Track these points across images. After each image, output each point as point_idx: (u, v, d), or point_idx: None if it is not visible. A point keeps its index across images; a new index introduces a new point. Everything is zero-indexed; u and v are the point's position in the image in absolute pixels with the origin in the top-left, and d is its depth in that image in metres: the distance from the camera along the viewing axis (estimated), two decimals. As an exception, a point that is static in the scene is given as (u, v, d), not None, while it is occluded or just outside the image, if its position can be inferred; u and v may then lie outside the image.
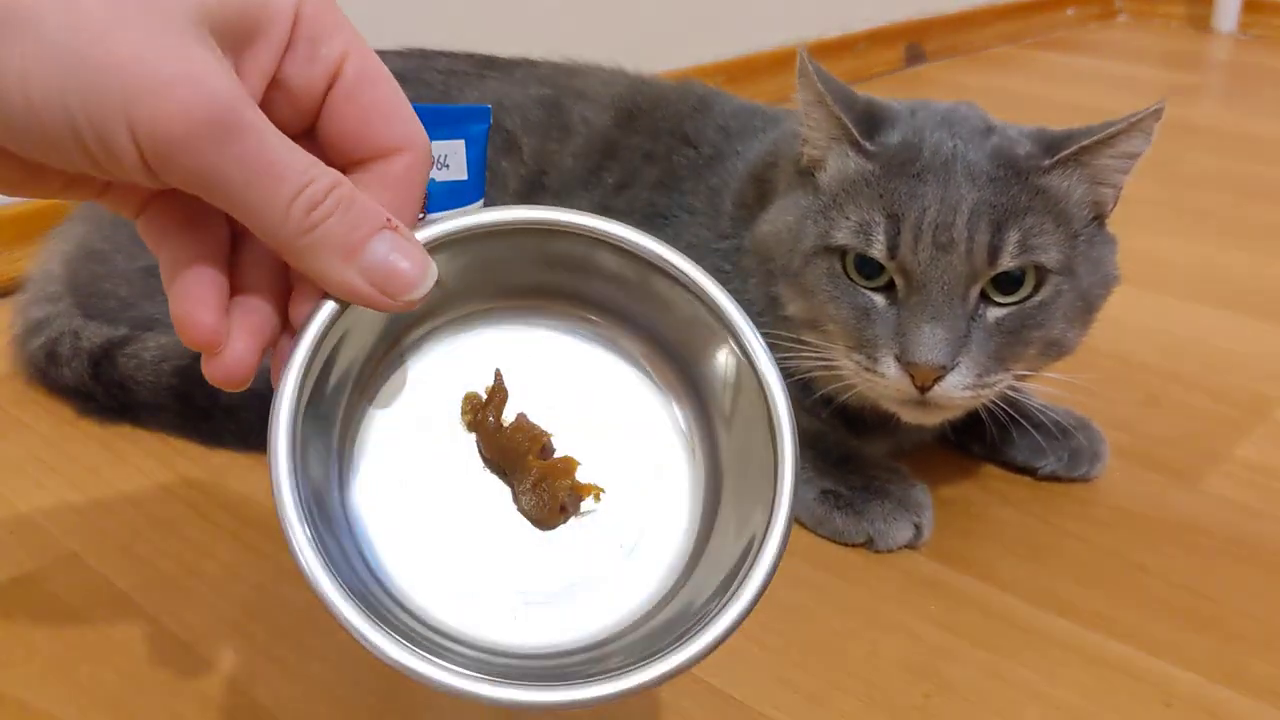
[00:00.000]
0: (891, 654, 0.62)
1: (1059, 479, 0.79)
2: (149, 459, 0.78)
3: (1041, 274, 0.66)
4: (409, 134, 0.39)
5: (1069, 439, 0.78)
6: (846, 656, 0.62)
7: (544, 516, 0.42)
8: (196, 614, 0.63)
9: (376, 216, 0.37)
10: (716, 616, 0.38)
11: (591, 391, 0.45)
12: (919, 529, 0.71)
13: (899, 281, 0.66)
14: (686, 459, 0.44)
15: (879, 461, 0.75)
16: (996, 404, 0.70)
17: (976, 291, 0.65)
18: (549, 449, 0.43)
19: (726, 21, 1.67)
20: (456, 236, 0.41)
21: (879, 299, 0.66)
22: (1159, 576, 0.70)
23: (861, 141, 0.68)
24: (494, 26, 1.32)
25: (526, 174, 0.83)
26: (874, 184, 0.67)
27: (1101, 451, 0.79)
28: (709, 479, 0.44)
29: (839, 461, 0.74)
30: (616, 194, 0.82)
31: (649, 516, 0.43)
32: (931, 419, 0.70)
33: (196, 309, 0.37)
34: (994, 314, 0.66)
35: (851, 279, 0.67)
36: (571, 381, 0.45)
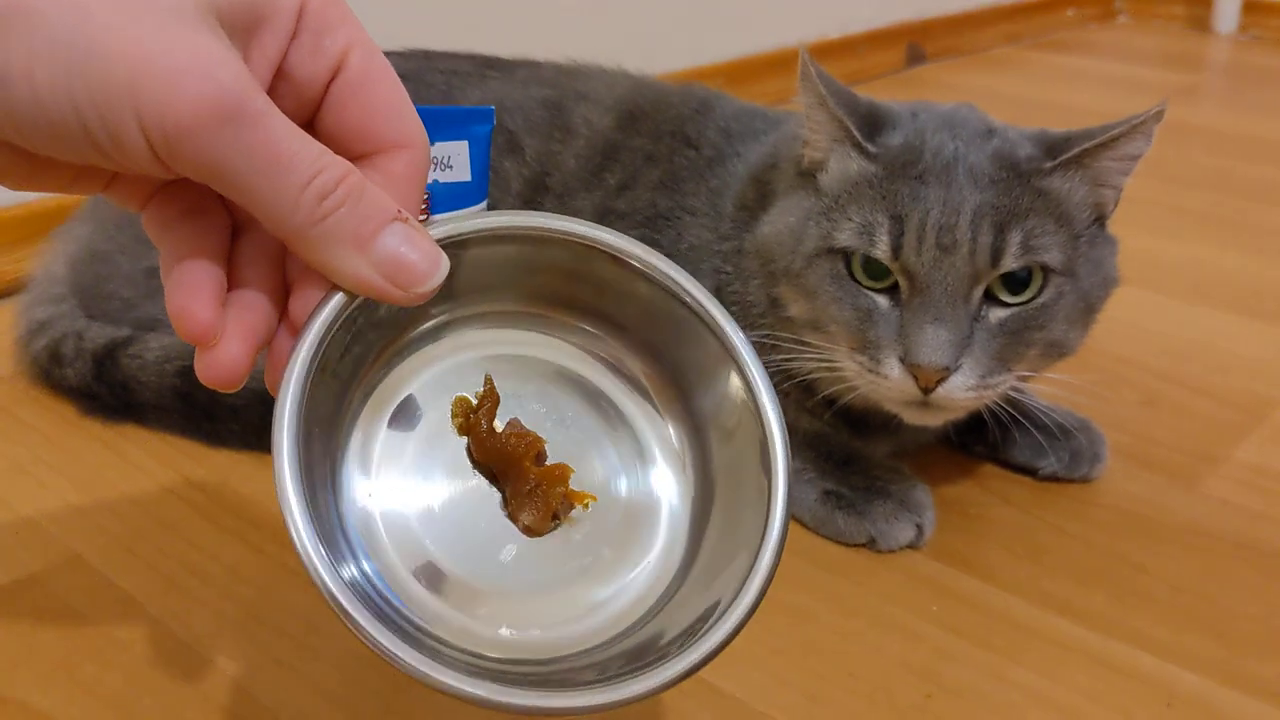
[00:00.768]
0: (893, 654, 0.62)
1: (1059, 479, 0.79)
2: (152, 459, 0.78)
3: (1046, 275, 0.66)
4: (410, 131, 0.39)
5: (1070, 440, 0.78)
6: (848, 657, 0.62)
7: (536, 522, 0.42)
8: (199, 615, 0.63)
9: (387, 208, 0.37)
10: (717, 624, 0.38)
11: (581, 401, 0.45)
12: (921, 529, 0.71)
13: (902, 283, 0.66)
14: (676, 472, 0.45)
15: (880, 462, 0.75)
16: (998, 404, 0.70)
17: (979, 293, 0.65)
18: (544, 455, 0.43)
19: (726, 22, 1.67)
20: (463, 238, 0.41)
21: (882, 300, 0.66)
22: (1159, 577, 0.70)
23: (864, 143, 0.68)
24: (496, 27, 1.32)
25: (529, 175, 0.83)
26: (876, 185, 0.67)
27: (1102, 452, 0.79)
28: (699, 492, 0.44)
29: (841, 462, 0.74)
30: (618, 195, 0.82)
31: (636, 526, 0.43)
32: (934, 420, 0.70)
33: (192, 302, 0.37)
34: (997, 315, 0.66)
35: (856, 280, 0.67)
36: (562, 391, 0.45)
